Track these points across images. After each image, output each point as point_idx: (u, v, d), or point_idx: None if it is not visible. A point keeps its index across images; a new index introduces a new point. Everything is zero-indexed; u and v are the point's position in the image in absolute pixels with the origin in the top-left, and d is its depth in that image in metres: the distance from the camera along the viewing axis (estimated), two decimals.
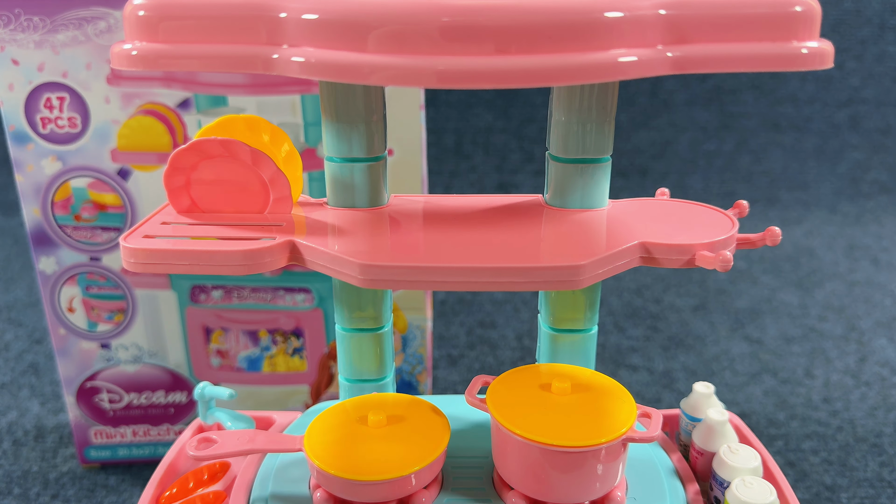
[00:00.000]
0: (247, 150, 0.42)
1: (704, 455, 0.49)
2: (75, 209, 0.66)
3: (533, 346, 0.98)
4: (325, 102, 0.45)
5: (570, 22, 0.33)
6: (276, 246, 0.42)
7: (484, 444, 0.49)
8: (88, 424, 0.73)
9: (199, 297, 0.70)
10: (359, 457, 0.42)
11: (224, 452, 0.45)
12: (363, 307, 0.48)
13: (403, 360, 0.74)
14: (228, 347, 0.72)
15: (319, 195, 0.50)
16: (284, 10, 0.35)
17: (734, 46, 0.35)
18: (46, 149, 0.63)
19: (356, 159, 0.46)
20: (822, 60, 0.35)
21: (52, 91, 0.62)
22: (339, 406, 0.48)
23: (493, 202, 0.50)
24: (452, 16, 0.33)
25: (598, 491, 0.43)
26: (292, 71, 0.34)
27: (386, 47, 0.33)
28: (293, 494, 0.45)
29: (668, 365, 0.93)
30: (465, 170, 1.49)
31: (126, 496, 0.71)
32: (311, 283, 0.70)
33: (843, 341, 0.98)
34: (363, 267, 0.39)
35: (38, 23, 0.60)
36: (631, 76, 0.34)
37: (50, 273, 0.68)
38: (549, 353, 0.50)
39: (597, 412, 0.43)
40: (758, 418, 0.81)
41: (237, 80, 0.63)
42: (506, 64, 0.33)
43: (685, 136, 1.52)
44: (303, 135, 0.64)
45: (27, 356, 0.96)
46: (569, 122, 0.45)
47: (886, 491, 0.70)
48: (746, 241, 0.45)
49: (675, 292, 1.14)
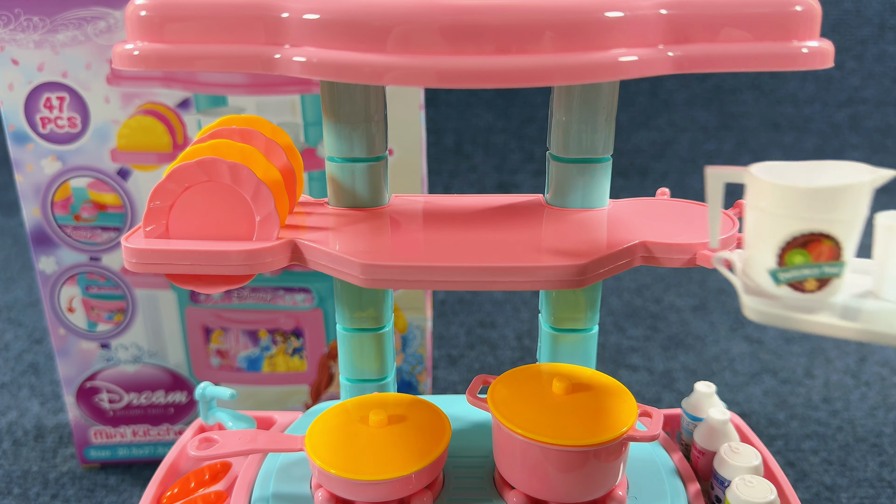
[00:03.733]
0: (225, 167, 0.41)
1: (706, 454, 0.49)
2: (75, 209, 0.66)
3: (533, 346, 0.98)
4: (325, 102, 0.45)
5: (571, 22, 0.33)
6: (278, 246, 0.42)
7: (485, 444, 0.49)
8: (88, 424, 0.73)
9: (199, 296, 0.70)
10: (360, 456, 0.42)
11: (225, 452, 0.45)
12: (364, 307, 0.48)
13: (403, 360, 0.74)
14: (228, 347, 0.72)
15: (320, 195, 0.50)
16: (286, 11, 0.35)
17: (734, 46, 0.35)
18: (46, 149, 0.63)
19: (357, 159, 0.46)
20: (822, 60, 0.35)
21: (51, 91, 0.62)
22: (341, 406, 0.48)
23: (494, 202, 0.50)
24: (453, 16, 0.33)
25: (600, 490, 0.43)
26: (294, 71, 0.34)
27: (387, 47, 0.33)
28: (294, 494, 0.45)
29: (668, 365, 0.93)
30: (465, 170, 1.49)
31: (126, 496, 0.71)
32: (311, 283, 0.70)
33: (843, 341, 0.98)
34: (364, 267, 0.39)
35: (38, 23, 0.60)
36: (631, 76, 0.34)
37: (50, 273, 0.68)
38: (550, 353, 0.50)
39: (598, 411, 0.43)
40: (758, 418, 0.81)
41: (237, 80, 0.63)
42: (506, 64, 0.33)
43: (685, 136, 1.52)
44: (303, 135, 0.64)
45: (27, 356, 0.96)
46: (569, 122, 0.45)
47: (886, 491, 0.70)
48: None
49: (675, 292, 1.14)
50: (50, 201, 0.65)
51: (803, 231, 0.32)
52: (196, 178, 0.41)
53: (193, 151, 0.43)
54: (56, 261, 0.67)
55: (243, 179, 0.41)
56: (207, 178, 0.41)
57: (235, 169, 0.41)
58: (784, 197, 0.32)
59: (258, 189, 0.41)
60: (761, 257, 0.33)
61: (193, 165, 0.41)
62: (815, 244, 0.32)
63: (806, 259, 0.32)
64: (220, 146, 0.43)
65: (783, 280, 0.33)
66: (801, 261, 0.32)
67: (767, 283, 0.33)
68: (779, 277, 0.33)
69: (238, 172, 0.41)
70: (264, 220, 0.42)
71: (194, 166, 0.41)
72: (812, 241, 0.32)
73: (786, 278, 0.33)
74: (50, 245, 0.67)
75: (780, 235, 0.32)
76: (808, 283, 0.33)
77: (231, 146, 0.43)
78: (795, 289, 0.33)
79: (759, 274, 0.34)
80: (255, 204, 0.42)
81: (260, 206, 0.42)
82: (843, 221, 0.32)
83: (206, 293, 0.55)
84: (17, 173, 0.64)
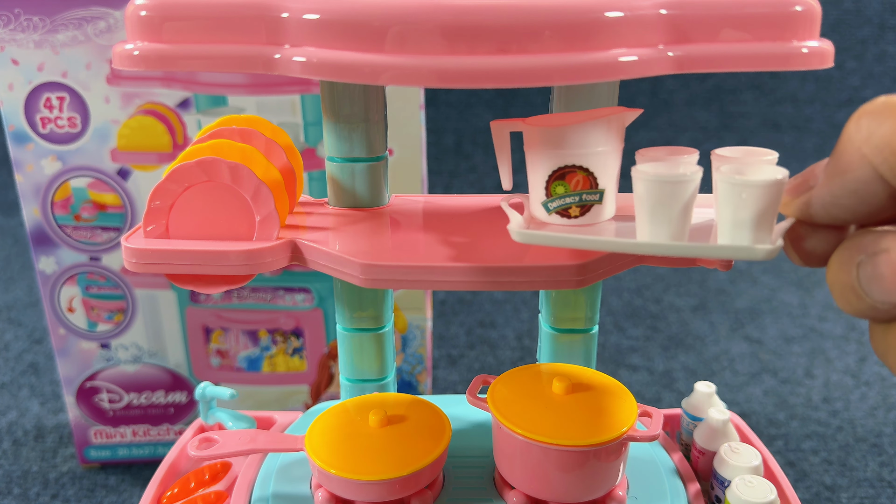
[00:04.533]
0: (225, 167, 0.41)
1: (706, 454, 0.49)
2: (75, 209, 0.66)
3: (533, 346, 0.98)
4: (325, 102, 0.45)
5: (571, 22, 0.33)
6: (278, 246, 0.42)
7: (485, 444, 0.49)
8: (88, 424, 0.73)
9: (199, 296, 0.70)
10: (360, 456, 0.42)
11: (225, 452, 0.45)
12: (364, 307, 0.48)
13: (403, 360, 0.74)
14: (228, 347, 0.72)
15: (320, 195, 0.50)
16: (286, 11, 0.35)
17: (734, 46, 0.35)
18: (46, 149, 0.63)
19: (357, 159, 0.46)
20: (822, 60, 0.35)
21: (51, 91, 0.62)
22: (341, 406, 0.48)
23: (494, 202, 0.50)
24: (453, 16, 0.33)
25: (600, 490, 0.43)
26: (294, 71, 0.34)
27: (387, 47, 0.33)
28: (294, 494, 0.45)
29: (668, 365, 0.93)
30: (465, 170, 1.49)
31: (126, 496, 0.71)
32: (311, 283, 0.70)
33: (843, 341, 0.98)
34: (364, 267, 0.39)
35: (38, 23, 0.60)
36: (632, 76, 0.34)
37: (50, 273, 0.68)
38: (550, 353, 0.50)
39: (598, 411, 0.43)
40: (758, 418, 0.81)
41: (237, 80, 0.63)
42: (506, 64, 0.33)
43: (685, 136, 1.52)
44: (303, 135, 0.65)
45: (27, 356, 0.96)
46: None
47: (886, 491, 0.70)
48: None
49: (675, 292, 1.14)
50: (50, 201, 0.65)
51: (560, 165, 0.37)
52: (196, 178, 0.41)
53: (193, 151, 0.43)
54: (56, 261, 0.67)
55: (243, 179, 0.41)
56: (207, 178, 0.41)
57: (235, 169, 0.41)
58: (544, 137, 0.37)
59: (258, 189, 0.41)
60: (536, 193, 0.39)
61: (193, 165, 0.41)
62: (571, 175, 0.38)
63: (566, 189, 0.38)
64: (220, 146, 0.43)
65: (552, 209, 0.39)
66: (562, 191, 0.38)
67: (542, 214, 0.39)
68: (548, 207, 0.39)
69: (238, 172, 0.41)
70: (264, 220, 0.42)
71: (194, 166, 0.41)
72: (569, 173, 0.38)
73: (553, 207, 0.38)
74: (50, 245, 0.67)
75: (544, 170, 0.38)
76: (572, 209, 0.39)
77: (231, 146, 0.43)
78: (562, 215, 0.39)
79: (537, 207, 0.39)
80: (255, 204, 0.42)
81: (260, 206, 0.42)
82: (593, 154, 0.37)
83: (206, 293, 0.55)
84: (17, 173, 0.64)
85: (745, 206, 0.31)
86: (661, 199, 0.32)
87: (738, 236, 0.32)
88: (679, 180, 0.32)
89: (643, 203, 0.33)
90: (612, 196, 0.39)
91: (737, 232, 0.32)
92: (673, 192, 0.32)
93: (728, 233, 0.32)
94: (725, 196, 0.32)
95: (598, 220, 0.39)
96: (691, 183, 0.32)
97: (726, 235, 0.32)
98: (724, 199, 0.32)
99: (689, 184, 0.32)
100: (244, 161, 0.43)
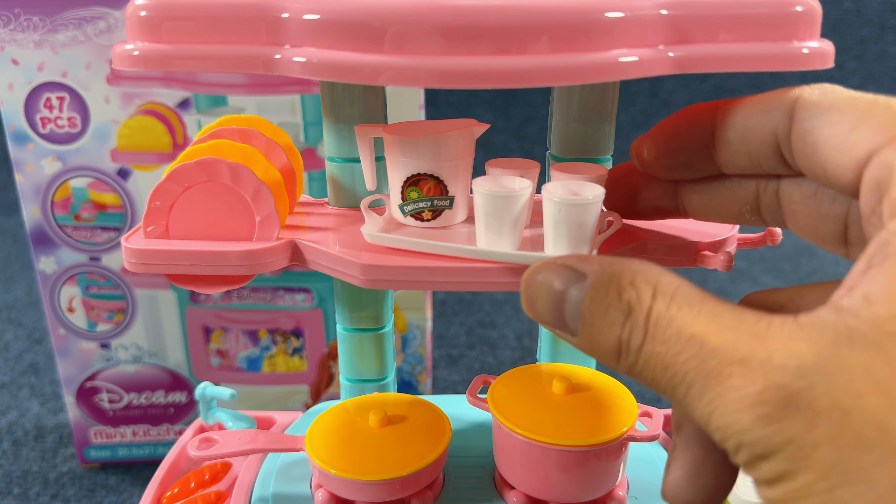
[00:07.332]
0: (225, 167, 0.41)
1: None
2: (75, 209, 0.66)
3: (533, 346, 0.98)
4: (325, 103, 0.45)
5: (571, 22, 0.33)
6: (278, 246, 0.42)
7: (485, 444, 0.49)
8: (88, 424, 0.73)
9: (199, 296, 0.70)
10: (360, 456, 0.42)
11: (225, 452, 0.45)
12: (364, 307, 0.48)
13: (403, 360, 0.74)
14: (228, 347, 0.72)
15: (320, 195, 0.50)
16: (286, 11, 0.35)
17: (735, 46, 0.35)
18: (46, 149, 0.64)
19: (357, 159, 0.46)
20: (822, 60, 0.35)
21: (51, 91, 0.62)
22: (341, 406, 0.48)
23: None
24: (453, 16, 0.33)
25: (600, 490, 0.43)
26: (294, 71, 0.34)
27: (387, 47, 0.33)
28: (295, 494, 0.45)
29: None
30: None
31: (126, 496, 0.71)
32: (311, 283, 0.70)
33: None
34: (364, 267, 0.39)
35: (38, 23, 0.60)
36: (632, 76, 0.34)
37: (50, 273, 0.68)
38: (550, 353, 0.50)
39: (598, 411, 0.43)
40: None
41: (237, 80, 0.63)
42: (506, 64, 0.33)
43: None
44: (303, 135, 0.65)
45: (27, 356, 0.96)
46: (569, 122, 0.45)
47: None
48: (747, 240, 0.45)
49: None
50: (50, 201, 0.65)
51: (413, 172, 0.40)
52: (196, 178, 0.41)
53: (193, 151, 0.43)
54: (56, 261, 0.67)
55: (243, 180, 0.41)
56: (207, 178, 0.41)
57: (235, 169, 0.41)
58: (400, 146, 0.40)
59: (258, 189, 0.41)
60: (394, 195, 0.42)
61: (193, 165, 0.41)
62: (423, 182, 0.40)
63: (419, 194, 0.41)
64: (220, 146, 0.43)
65: (406, 212, 0.41)
66: (416, 196, 0.41)
67: (399, 216, 0.42)
68: (404, 210, 0.41)
69: (238, 173, 0.41)
70: (264, 220, 0.42)
71: (194, 166, 0.41)
72: (421, 180, 0.40)
73: (408, 210, 0.41)
74: (50, 245, 0.67)
75: (400, 176, 0.40)
76: (425, 213, 0.41)
77: (231, 146, 0.43)
78: (416, 218, 0.41)
79: (395, 209, 0.42)
80: (255, 204, 0.42)
81: (260, 206, 0.42)
82: (444, 164, 0.40)
83: (206, 293, 0.55)
84: (17, 173, 0.64)
85: (563, 221, 0.35)
86: (494, 212, 0.36)
87: (559, 247, 0.35)
88: (509, 195, 0.35)
89: (479, 214, 0.36)
90: (462, 201, 0.42)
91: (558, 243, 0.35)
92: (505, 205, 0.35)
93: (551, 244, 0.36)
94: (546, 211, 0.35)
95: (449, 223, 0.42)
96: (521, 198, 0.36)
97: (550, 246, 0.36)
98: (546, 213, 0.35)
99: (519, 199, 0.35)
100: (244, 161, 0.43)
